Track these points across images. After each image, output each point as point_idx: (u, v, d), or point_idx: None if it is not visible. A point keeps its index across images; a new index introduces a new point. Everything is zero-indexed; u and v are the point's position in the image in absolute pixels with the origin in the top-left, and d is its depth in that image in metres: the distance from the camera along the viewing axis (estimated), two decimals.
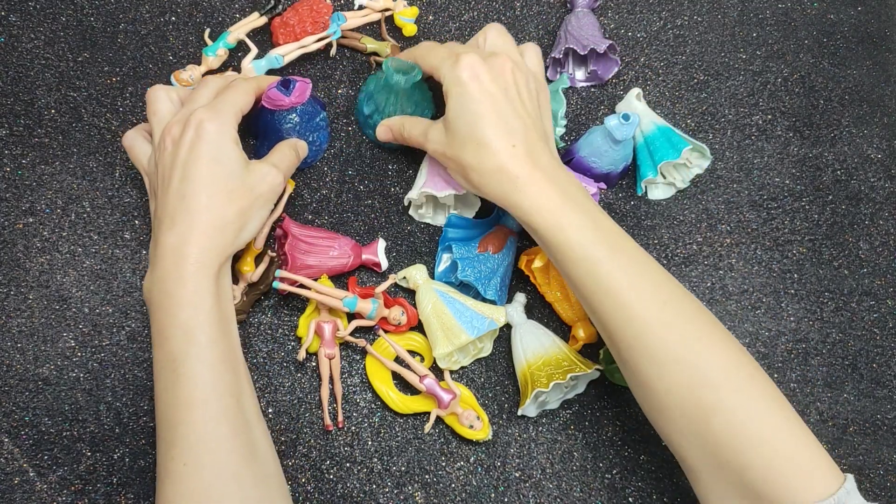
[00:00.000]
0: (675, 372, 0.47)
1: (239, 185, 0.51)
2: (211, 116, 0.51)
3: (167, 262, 0.49)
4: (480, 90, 0.52)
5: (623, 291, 0.48)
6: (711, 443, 0.46)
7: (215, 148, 0.51)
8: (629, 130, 0.61)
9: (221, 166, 0.51)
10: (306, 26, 0.66)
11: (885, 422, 0.64)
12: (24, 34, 0.65)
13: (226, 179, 0.51)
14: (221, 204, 0.50)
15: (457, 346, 0.58)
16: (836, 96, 0.73)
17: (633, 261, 0.50)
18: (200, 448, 0.46)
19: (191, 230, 0.49)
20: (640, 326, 0.48)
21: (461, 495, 0.59)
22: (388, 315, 0.60)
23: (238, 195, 0.51)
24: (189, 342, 0.48)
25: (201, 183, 0.50)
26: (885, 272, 0.68)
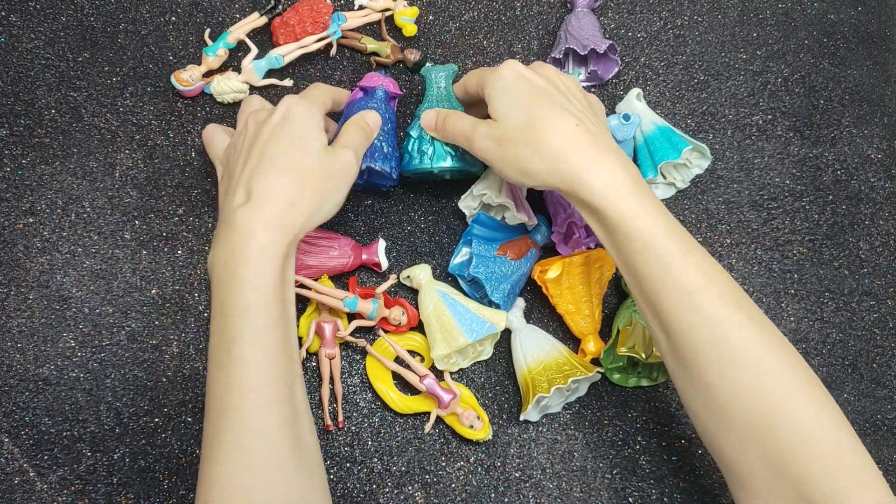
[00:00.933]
0: (744, 377, 0.45)
1: (315, 165, 0.50)
2: (299, 101, 0.52)
3: (234, 238, 0.47)
4: (527, 83, 0.51)
5: (698, 291, 0.46)
6: (773, 452, 0.44)
7: (301, 128, 0.51)
8: (630, 130, 0.61)
9: (302, 144, 0.51)
10: (306, 26, 0.66)
11: (885, 422, 0.64)
12: (24, 34, 0.65)
13: (302, 158, 0.50)
14: (296, 183, 0.49)
15: (454, 349, 0.58)
16: (836, 96, 0.73)
17: (706, 260, 0.48)
18: (250, 435, 0.45)
19: (262, 208, 0.48)
20: (713, 327, 0.46)
21: (461, 495, 0.59)
22: (389, 315, 0.60)
23: (313, 175, 0.50)
24: (247, 323, 0.46)
25: (279, 160, 0.49)
26: (885, 272, 0.68)
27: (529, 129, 0.50)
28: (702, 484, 0.62)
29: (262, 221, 0.47)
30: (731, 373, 0.45)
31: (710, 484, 0.61)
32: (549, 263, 0.62)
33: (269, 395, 0.46)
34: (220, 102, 0.66)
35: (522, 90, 0.51)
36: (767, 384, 0.45)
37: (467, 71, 0.70)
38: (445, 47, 0.71)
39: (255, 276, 0.47)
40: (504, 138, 0.51)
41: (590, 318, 0.62)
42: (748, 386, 0.45)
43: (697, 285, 0.46)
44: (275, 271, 0.48)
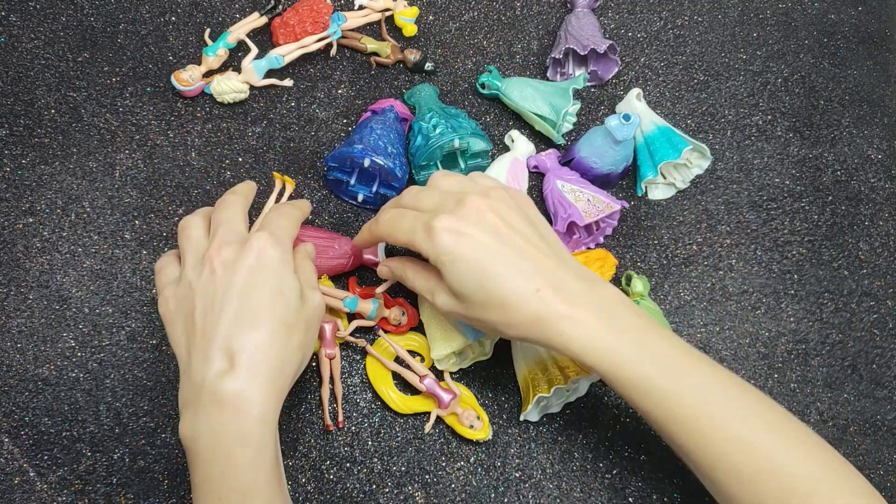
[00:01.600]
0: (765, 487, 0.44)
1: (297, 318, 0.47)
2: (273, 243, 0.47)
3: (224, 415, 0.43)
4: (471, 249, 0.46)
5: (698, 418, 0.45)
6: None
7: (279, 278, 0.46)
8: (630, 131, 0.61)
9: (284, 298, 0.46)
10: (306, 26, 0.66)
11: (885, 422, 0.64)
12: (24, 34, 0.65)
13: (285, 312, 0.46)
14: (283, 342, 0.45)
15: (454, 349, 0.58)
16: (836, 96, 0.73)
17: (702, 379, 0.46)
18: None
19: (254, 376, 0.44)
20: (723, 447, 0.45)
21: (461, 495, 0.59)
22: (389, 315, 0.60)
23: (297, 329, 0.47)
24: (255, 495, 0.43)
25: (263, 317, 0.45)
26: (884, 273, 0.68)
27: (491, 307, 0.46)
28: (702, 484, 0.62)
29: (256, 395, 0.43)
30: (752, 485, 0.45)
31: None
32: None
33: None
34: (220, 102, 0.66)
35: (470, 261, 0.46)
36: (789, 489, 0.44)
37: (464, 72, 0.70)
38: (445, 47, 0.71)
39: (255, 456, 0.43)
40: (469, 311, 0.48)
41: None
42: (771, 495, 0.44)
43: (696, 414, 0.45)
44: (272, 445, 0.44)
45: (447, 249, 0.46)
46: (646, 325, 0.47)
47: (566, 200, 0.61)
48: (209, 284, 0.46)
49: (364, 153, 0.58)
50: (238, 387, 0.43)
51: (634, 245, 0.66)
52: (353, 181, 0.63)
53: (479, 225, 0.46)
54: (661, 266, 0.66)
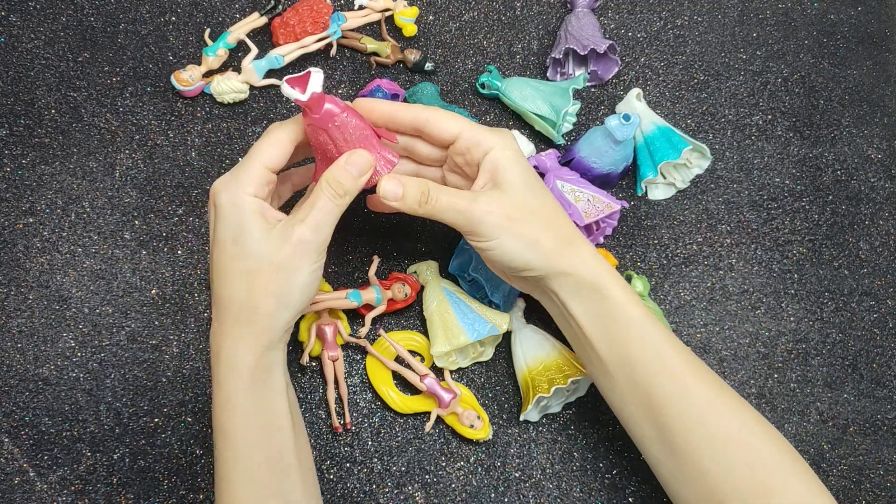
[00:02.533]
0: (736, 455, 0.46)
1: (260, 263, 0.45)
2: (223, 185, 0.46)
3: (212, 361, 0.47)
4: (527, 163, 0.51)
5: (686, 376, 0.48)
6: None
7: (232, 224, 0.45)
8: (630, 131, 0.61)
9: (239, 246, 0.45)
10: (306, 26, 0.66)
11: (886, 422, 0.64)
12: (24, 34, 0.65)
13: (242, 259, 0.45)
14: (244, 292, 0.45)
15: (455, 347, 0.58)
16: (836, 96, 0.73)
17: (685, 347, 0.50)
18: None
19: (220, 328, 0.46)
20: (703, 409, 0.47)
21: (461, 495, 0.59)
22: (393, 294, 0.60)
23: (261, 275, 0.45)
24: (225, 447, 0.46)
25: (221, 271, 0.46)
26: (885, 272, 0.68)
27: (543, 209, 0.49)
28: None
29: (222, 345, 0.46)
30: (722, 452, 0.46)
31: None
32: None
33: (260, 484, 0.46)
34: (220, 102, 0.66)
35: (529, 168, 0.50)
36: (759, 460, 0.46)
37: (464, 72, 0.70)
38: (445, 47, 0.71)
39: (226, 400, 0.46)
40: (514, 214, 0.48)
41: None
42: (740, 463, 0.46)
43: (685, 371, 0.48)
44: (244, 390, 0.46)
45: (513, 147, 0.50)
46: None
47: (566, 200, 0.61)
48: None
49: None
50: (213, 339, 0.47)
51: (634, 245, 0.66)
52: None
53: None
54: (661, 266, 0.66)
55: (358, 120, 0.47)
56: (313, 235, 0.45)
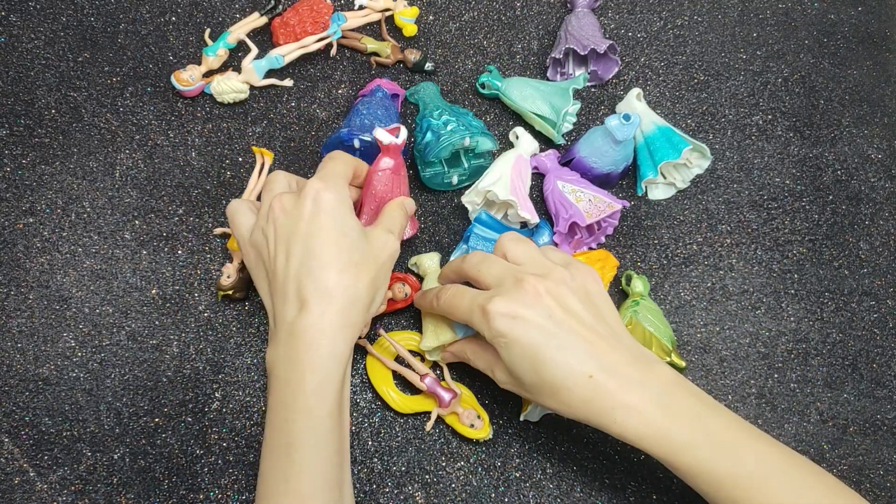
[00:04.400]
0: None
1: (363, 256, 0.49)
2: (327, 186, 0.49)
3: (299, 346, 0.47)
4: (525, 333, 0.47)
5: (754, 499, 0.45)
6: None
7: (337, 219, 0.48)
8: (630, 131, 0.61)
9: (346, 238, 0.48)
10: (306, 26, 0.66)
11: (886, 422, 0.64)
12: (24, 34, 0.65)
13: (350, 252, 0.48)
14: (352, 280, 0.48)
15: (441, 343, 0.58)
16: (836, 96, 0.73)
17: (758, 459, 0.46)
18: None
19: (324, 313, 0.47)
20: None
21: (461, 495, 0.59)
22: (393, 293, 0.60)
23: (365, 268, 0.49)
24: (309, 430, 0.46)
25: (329, 258, 0.47)
26: (885, 272, 0.68)
27: (545, 390, 0.48)
28: None
29: (326, 329, 0.47)
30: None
31: None
32: None
33: (322, 500, 0.46)
34: (220, 102, 0.66)
35: (523, 345, 0.47)
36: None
37: (464, 72, 0.70)
38: (445, 47, 0.71)
39: (321, 386, 0.46)
40: (525, 391, 0.50)
41: None
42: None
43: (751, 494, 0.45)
44: (339, 377, 0.47)
45: (502, 332, 0.48)
46: (701, 406, 0.47)
47: (567, 201, 0.61)
48: (276, 229, 0.49)
49: (351, 134, 0.59)
50: (309, 323, 0.47)
51: (635, 245, 0.66)
52: None
53: (534, 308, 0.48)
54: (662, 266, 0.66)
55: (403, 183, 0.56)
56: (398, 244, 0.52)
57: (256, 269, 0.52)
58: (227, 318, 0.61)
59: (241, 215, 0.53)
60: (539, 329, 0.47)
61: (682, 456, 0.45)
